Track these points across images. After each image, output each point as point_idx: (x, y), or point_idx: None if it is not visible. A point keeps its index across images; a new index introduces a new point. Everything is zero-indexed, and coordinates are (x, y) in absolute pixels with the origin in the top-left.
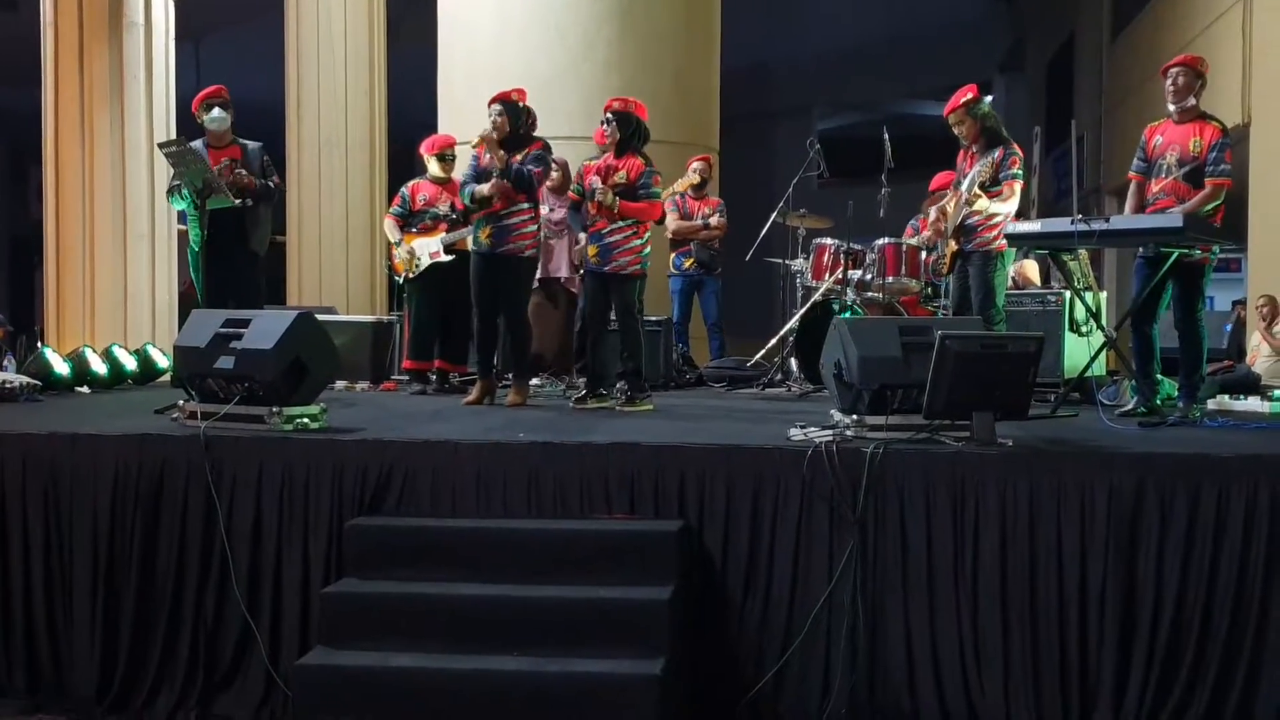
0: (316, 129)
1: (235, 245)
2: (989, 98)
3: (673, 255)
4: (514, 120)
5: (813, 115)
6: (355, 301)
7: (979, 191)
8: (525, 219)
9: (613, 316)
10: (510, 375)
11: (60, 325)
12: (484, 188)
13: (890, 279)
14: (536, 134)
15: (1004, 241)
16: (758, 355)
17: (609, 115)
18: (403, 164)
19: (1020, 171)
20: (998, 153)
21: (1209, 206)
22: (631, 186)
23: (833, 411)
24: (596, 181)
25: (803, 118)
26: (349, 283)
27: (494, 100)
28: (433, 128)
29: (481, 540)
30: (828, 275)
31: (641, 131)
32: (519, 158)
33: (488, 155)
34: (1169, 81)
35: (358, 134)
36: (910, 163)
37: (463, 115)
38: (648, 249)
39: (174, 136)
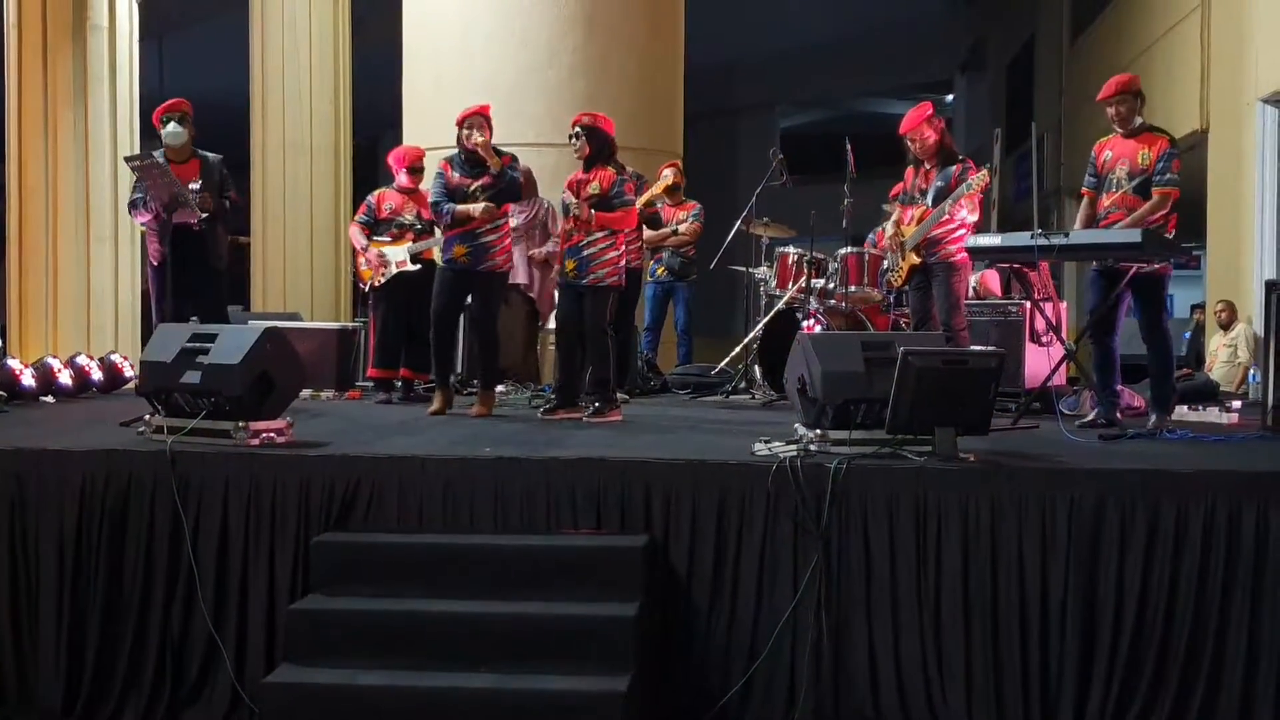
0: (281, 132)
1: (195, 262)
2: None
3: (650, 263)
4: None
5: (775, 112)
6: (320, 307)
7: (959, 205)
8: (501, 234)
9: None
10: (475, 384)
11: (23, 327)
12: (471, 209)
13: (853, 288)
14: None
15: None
16: (722, 363)
17: (577, 130)
18: (366, 163)
19: (978, 180)
20: (955, 169)
21: (1157, 215)
22: (605, 197)
23: (796, 425)
24: (569, 197)
25: (765, 115)
26: (314, 288)
27: (468, 115)
28: (397, 127)
29: (448, 556)
30: (791, 284)
31: (610, 143)
32: (488, 177)
33: (456, 174)
34: (1110, 110)
35: (323, 138)
36: (873, 160)
37: (427, 119)
38: (622, 261)
39: (138, 140)
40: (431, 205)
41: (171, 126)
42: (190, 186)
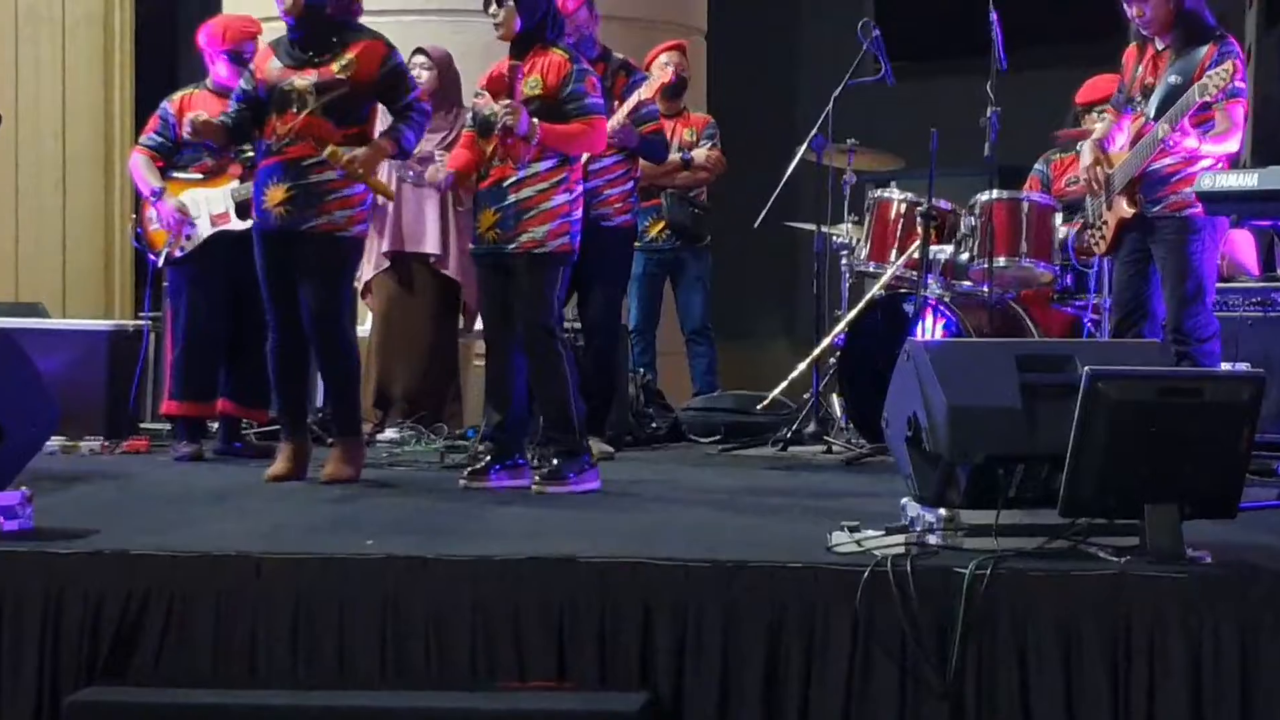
0: None
1: None
2: None
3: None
4: None
5: None
6: (78, 294)
7: (1183, 125)
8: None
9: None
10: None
11: None
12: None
13: (1003, 260)
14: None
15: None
16: (774, 392)
17: None
18: (158, 43)
19: (1243, 85)
20: (1205, 54)
21: None
22: (553, 99)
23: (905, 501)
24: (486, 103)
25: None
26: (66, 263)
27: None
28: None
29: None
30: (895, 253)
31: (554, 15)
32: (335, 67)
33: (278, 61)
34: None
35: (82, 3)
36: (1039, 38)
37: None
38: (578, 212)
39: None
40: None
41: None
42: None
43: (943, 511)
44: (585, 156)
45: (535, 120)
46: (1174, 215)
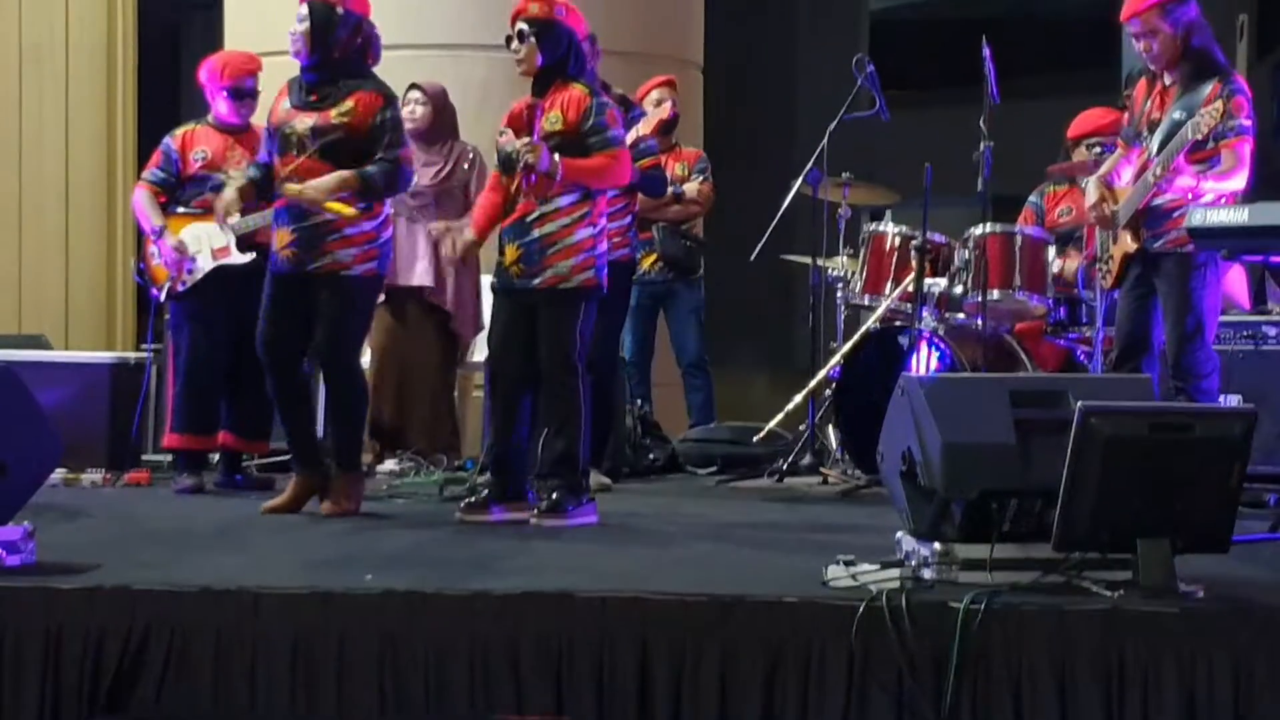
0: (16, 27)
1: None
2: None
3: None
4: (324, 36)
5: None
6: (79, 328)
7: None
8: (356, 211)
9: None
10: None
11: None
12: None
13: (997, 294)
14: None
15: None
16: (771, 424)
17: (522, 25)
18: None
19: (1249, 123)
20: (1210, 90)
21: None
22: (574, 134)
23: (900, 535)
24: (510, 140)
25: None
26: (69, 295)
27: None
28: (213, 8)
29: None
30: (890, 286)
31: (576, 50)
32: (333, 114)
33: (289, 100)
34: None
35: (86, 29)
36: (1031, 68)
37: (268, 8)
38: (604, 244)
39: None
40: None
41: None
42: None
43: (937, 545)
44: None
45: (557, 156)
46: (1175, 251)
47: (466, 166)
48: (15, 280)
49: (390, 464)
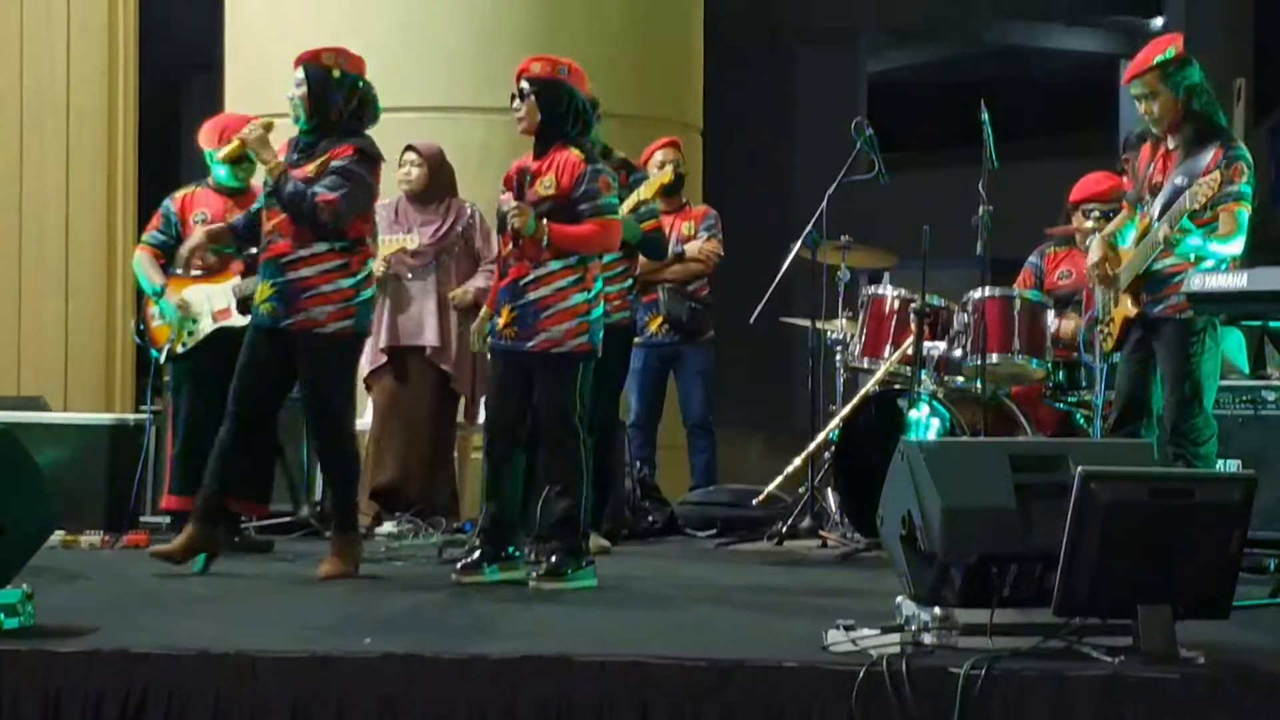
0: (18, 86)
1: None
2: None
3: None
4: (321, 99)
5: (859, 47)
6: (80, 387)
7: (1186, 228)
8: (328, 269)
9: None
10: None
11: None
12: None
13: (995, 357)
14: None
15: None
16: (770, 486)
17: (523, 85)
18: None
19: (1249, 187)
20: (1212, 156)
21: None
22: (566, 199)
23: (900, 600)
24: (508, 201)
25: (842, 51)
26: (69, 356)
27: (297, 62)
28: (213, 70)
29: None
30: (889, 349)
31: (578, 110)
32: (310, 169)
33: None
34: None
35: (87, 90)
36: (1026, 130)
37: (268, 62)
38: (599, 309)
39: None
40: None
41: None
42: None
43: (938, 610)
44: None
45: (545, 222)
46: (1174, 317)
47: (464, 225)
48: (15, 341)
49: (388, 526)
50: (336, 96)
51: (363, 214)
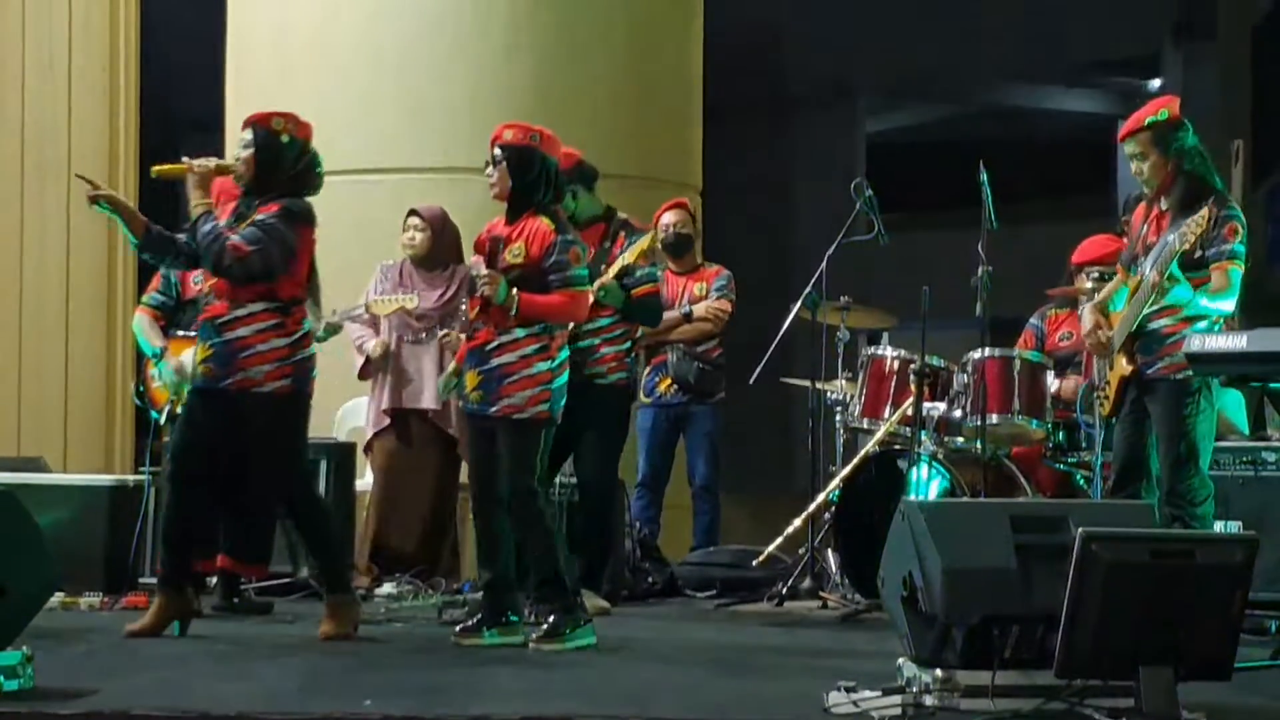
0: (19, 146)
1: None
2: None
3: (646, 372)
4: (268, 163)
5: (858, 108)
6: (79, 448)
7: (1176, 276)
8: (264, 328)
9: None
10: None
11: None
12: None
13: (995, 417)
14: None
15: None
16: (770, 547)
17: (496, 151)
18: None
19: (1242, 247)
20: (1204, 212)
21: None
22: (535, 267)
23: (902, 660)
24: (478, 265)
25: (841, 112)
26: (68, 416)
27: (246, 123)
28: (211, 132)
29: None
30: (889, 409)
31: (549, 177)
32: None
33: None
34: None
35: (86, 157)
36: (1025, 191)
37: None
38: (562, 377)
39: None
40: None
41: None
42: None
43: (939, 672)
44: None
45: (515, 291)
46: (1169, 377)
47: (466, 289)
48: (14, 402)
49: (389, 587)
50: (284, 161)
51: (288, 273)
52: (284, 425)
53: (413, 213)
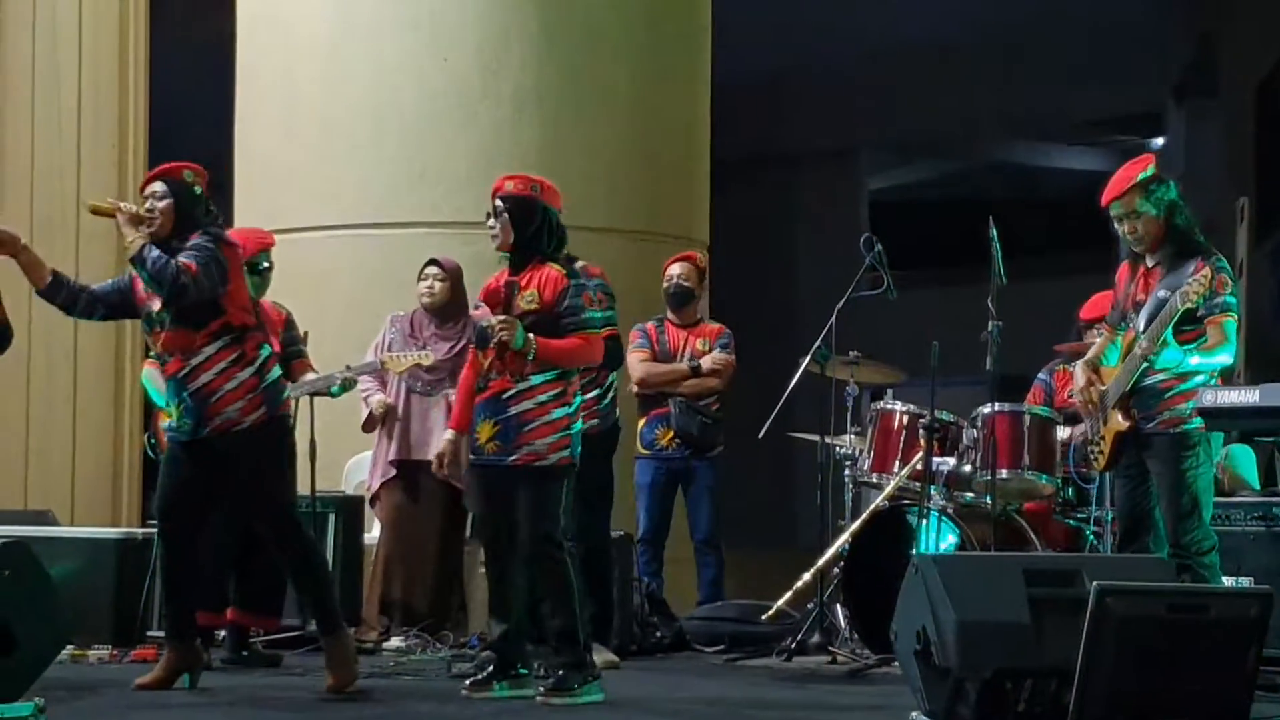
0: (28, 202)
1: None
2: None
3: (641, 424)
4: (185, 211)
5: (862, 164)
6: (87, 500)
7: (1166, 340)
8: (225, 366)
9: None
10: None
11: None
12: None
13: (1005, 472)
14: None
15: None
16: (779, 602)
17: (497, 203)
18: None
19: (1234, 299)
20: (1194, 269)
21: None
22: (549, 313)
23: (914, 714)
24: (486, 314)
25: (845, 169)
26: (76, 469)
27: (152, 177)
28: (222, 191)
29: None
30: (898, 464)
31: (551, 227)
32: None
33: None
34: None
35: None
36: (1030, 247)
37: (273, 181)
38: (579, 423)
39: None
40: None
41: None
42: None
43: None
44: None
45: (531, 336)
46: (1167, 432)
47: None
48: (23, 455)
49: (396, 640)
50: (196, 209)
51: (226, 291)
52: (269, 453)
53: (432, 262)
